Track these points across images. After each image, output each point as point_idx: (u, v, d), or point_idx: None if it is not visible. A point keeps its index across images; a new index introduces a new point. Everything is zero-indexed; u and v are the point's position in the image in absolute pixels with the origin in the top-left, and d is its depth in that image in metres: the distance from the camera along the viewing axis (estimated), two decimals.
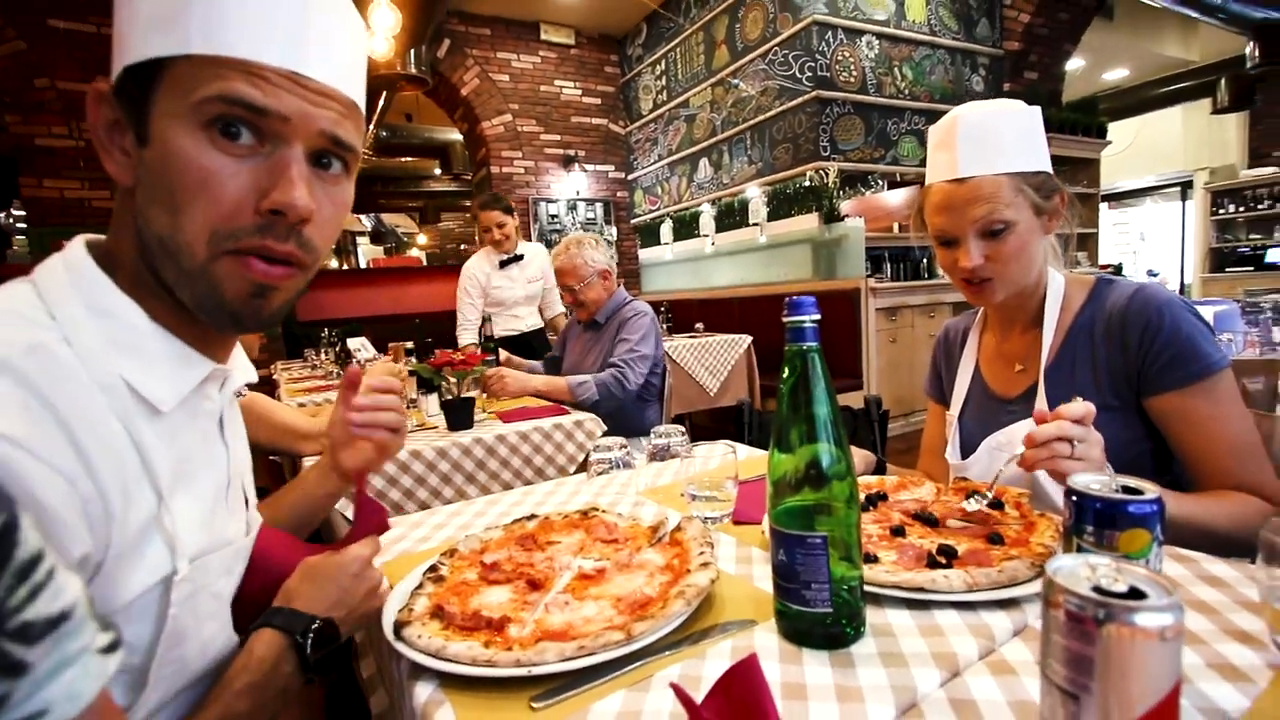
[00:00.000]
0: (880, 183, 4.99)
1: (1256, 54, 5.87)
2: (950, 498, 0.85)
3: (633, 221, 7.21)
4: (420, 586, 0.70)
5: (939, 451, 1.07)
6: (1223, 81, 6.90)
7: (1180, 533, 0.70)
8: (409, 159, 9.42)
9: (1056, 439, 0.64)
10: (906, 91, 5.18)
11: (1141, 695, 0.33)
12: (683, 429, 1.09)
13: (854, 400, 2.80)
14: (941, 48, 5.39)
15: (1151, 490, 0.48)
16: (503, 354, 2.46)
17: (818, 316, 0.58)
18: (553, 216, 6.74)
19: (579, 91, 6.83)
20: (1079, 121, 5.52)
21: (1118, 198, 9.68)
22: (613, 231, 7.11)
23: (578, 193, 6.85)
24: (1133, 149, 9.06)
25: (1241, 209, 7.73)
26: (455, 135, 7.91)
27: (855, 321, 4.27)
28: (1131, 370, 0.85)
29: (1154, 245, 9.65)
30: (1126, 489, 0.49)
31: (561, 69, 6.64)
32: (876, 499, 0.87)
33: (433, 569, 0.74)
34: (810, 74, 4.73)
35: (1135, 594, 0.34)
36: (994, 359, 1.04)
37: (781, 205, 5.01)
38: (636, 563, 0.74)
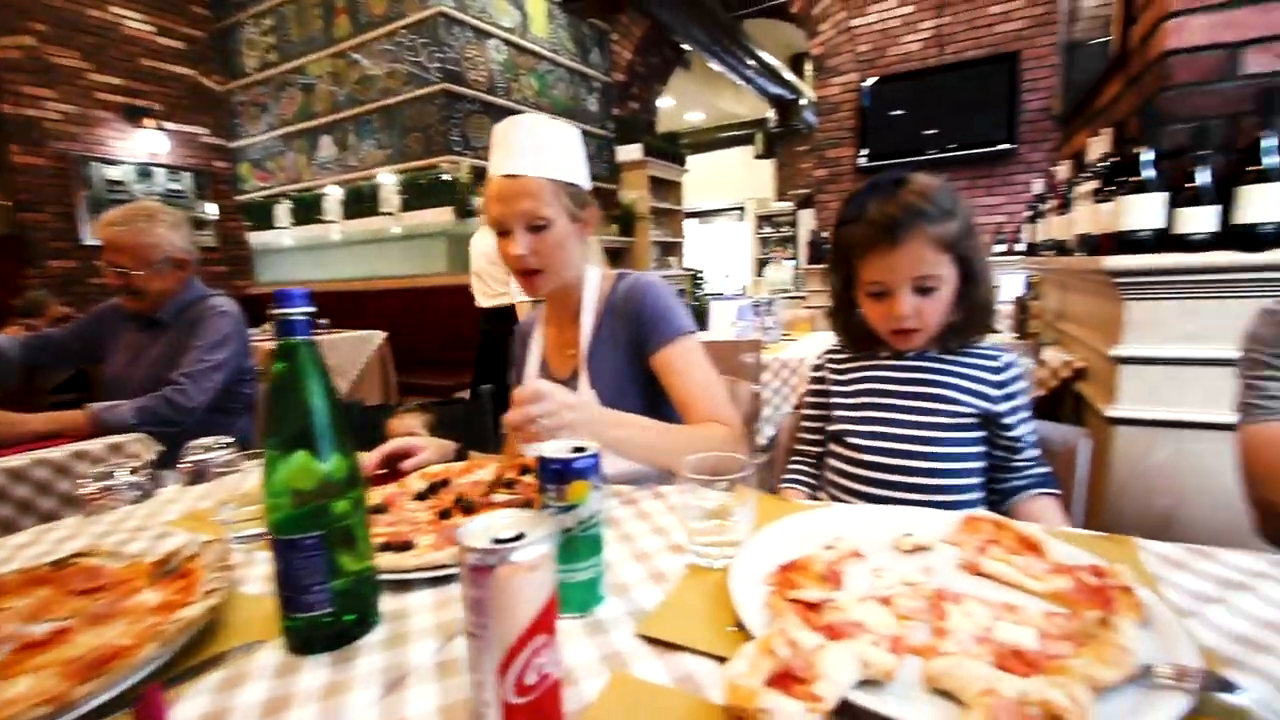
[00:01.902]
0: None
1: (775, 118, 8.04)
2: (512, 476, 0.94)
3: (239, 199, 6.08)
4: None
5: None
6: (759, 135, 9.25)
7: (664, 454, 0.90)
8: None
9: (522, 420, 0.75)
10: (532, 100, 5.54)
11: (522, 616, 0.40)
12: (230, 440, 0.95)
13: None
14: (563, 66, 5.92)
15: (592, 447, 0.60)
16: None
17: (310, 309, 0.56)
18: (114, 183, 5.23)
19: (151, 28, 5.42)
20: (666, 149, 6.72)
21: (701, 215, 12.16)
22: (212, 209, 5.87)
23: (154, 156, 5.45)
24: (708, 178, 11.48)
25: (772, 229, 10.53)
26: None
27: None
28: (636, 338, 1.06)
29: (727, 254, 12.41)
30: (577, 449, 0.60)
31: None
32: (438, 486, 0.91)
33: None
34: (439, 66, 4.67)
35: (521, 537, 0.41)
36: (555, 347, 1.19)
37: (417, 195, 4.85)
38: (122, 609, 0.62)
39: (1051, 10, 4.22)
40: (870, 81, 4.93)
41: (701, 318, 2.85)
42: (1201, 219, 1.29)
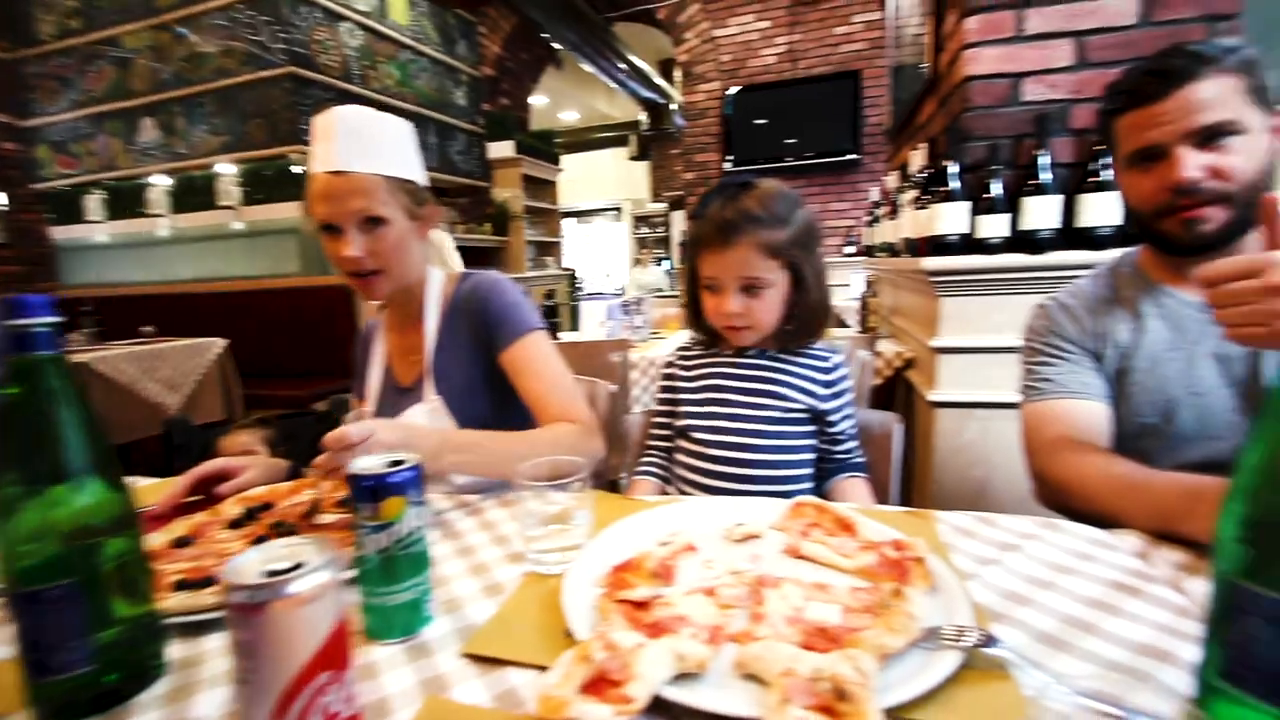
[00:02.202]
0: None
1: (648, 121, 8.20)
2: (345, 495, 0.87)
3: (37, 187, 5.20)
4: None
5: None
6: (633, 137, 9.39)
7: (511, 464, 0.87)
8: None
9: (332, 466, 0.70)
10: (394, 91, 5.24)
11: (299, 654, 0.36)
12: None
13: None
14: (426, 56, 5.65)
15: (411, 459, 0.56)
16: None
17: (53, 320, 0.48)
18: None
19: None
20: (540, 148, 6.64)
21: (580, 215, 12.15)
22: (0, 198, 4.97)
23: None
24: (586, 178, 11.49)
25: (649, 230, 10.74)
26: None
27: (354, 322, 4.11)
28: (483, 338, 1.03)
29: (605, 253, 12.49)
30: (394, 462, 0.56)
31: None
32: (257, 511, 0.82)
33: None
34: (284, 47, 4.27)
35: (298, 567, 0.38)
36: (399, 354, 1.12)
37: (261, 188, 4.40)
38: None
39: (884, 35, 4.67)
40: (733, 90, 5.17)
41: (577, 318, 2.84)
42: (996, 225, 1.47)
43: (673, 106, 8.38)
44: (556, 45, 6.48)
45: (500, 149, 6.33)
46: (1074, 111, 1.47)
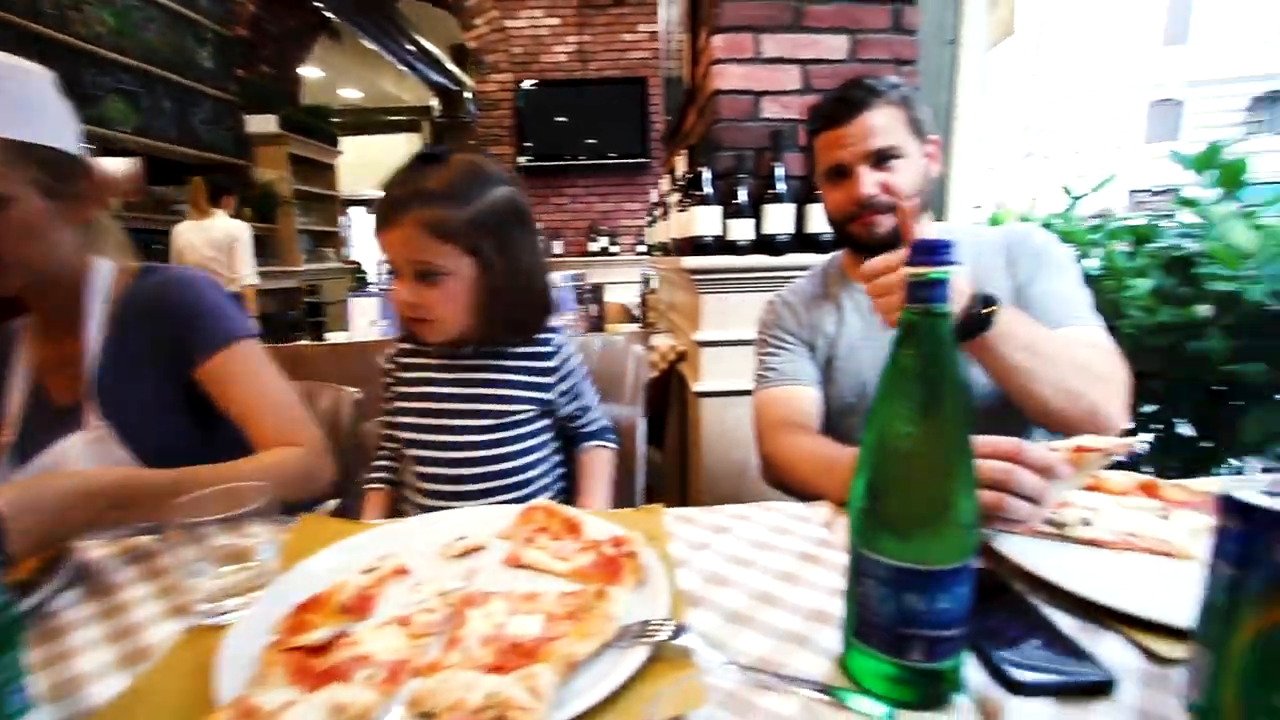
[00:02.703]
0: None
1: (440, 107, 7.77)
2: None
3: None
4: None
5: None
6: (426, 124, 8.85)
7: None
8: None
9: None
10: (110, 40, 4.28)
11: None
12: None
13: None
14: (156, 4, 4.71)
15: None
16: None
17: None
18: None
19: None
20: (314, 126, 5.93)
21: (369, 203, 11.15)
22: None
23: None
24: (375, 163, 10.56)
25: None
26: None
27: None
28: (172, 349, 0.85)
29: None
30: None
31: None
32: None
33: None
34: None
35: None
36: (52, 366, 0.88)
37: None
38: None
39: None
40: (527, 84, 5.10)
41: None
42: (743, 229, 1.61)
43: (468, 94, 8.04)
44: (329, 15, 5.83)
45: (261, 123, 5.53)
46: (801, 130, 1.67)
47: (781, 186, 1.60)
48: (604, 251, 5.26)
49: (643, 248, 4.64)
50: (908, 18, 1.62)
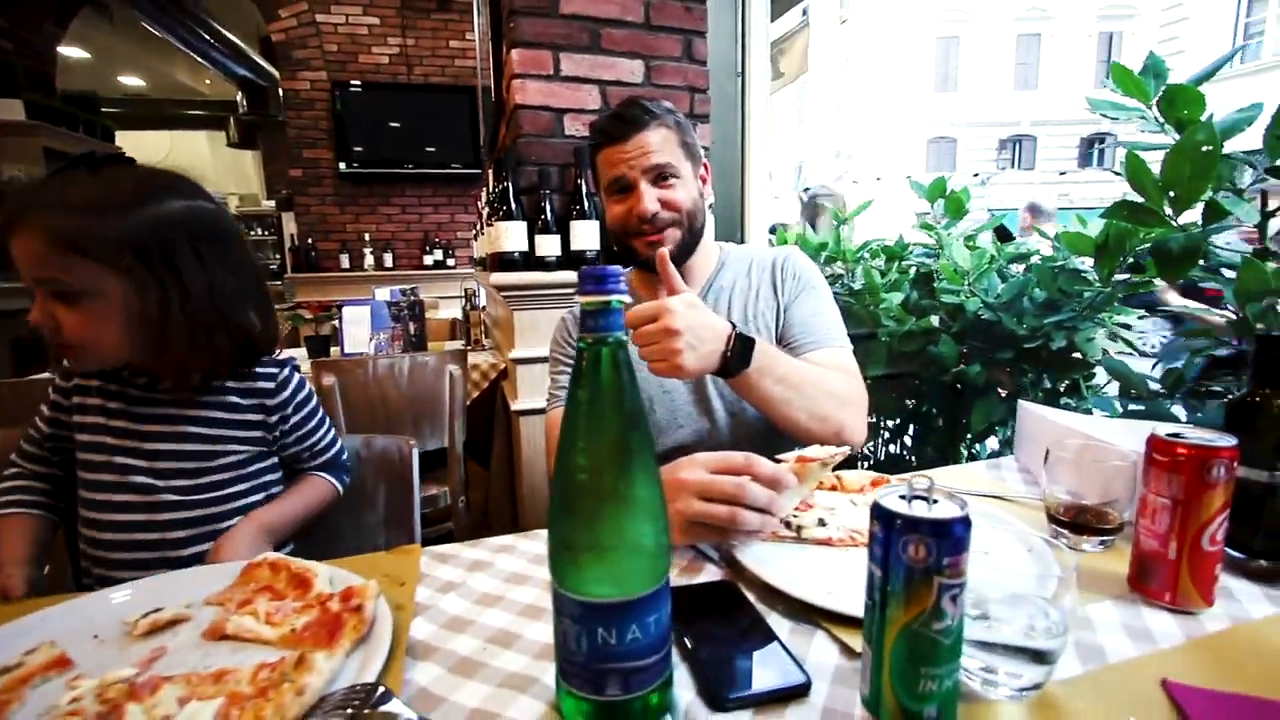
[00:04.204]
0: None
1: (245, 104, 6.97)
2: None
3: None
4: None
5: None
6: (232, 120, 7.89)
7: None
8: None
9: None
10: None
11: None
12: None
13: None
14: None
15: None
16: None
17: None
18: None
19: None
20: (78, 115, 5.03)
21: None
22: None
23: None
24: (172, 163, 9.22)
25: (263, 232, 9.11)
26: None
27: None
28: None
29: None
30: None
31: None
32: None
33: None
34: None
35: None
36: None
37: None
38: None
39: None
40: (354, 85, 4.73)
41: None
42: (550, 245, 1.60)
43: (282, 92, 7.30)
44: None
45: (2, 109, 4.57)
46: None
47: (587, 204, 1.61)
48: (439, 265, 5.01)
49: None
50: (698, 48, 1.71)
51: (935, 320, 1.28)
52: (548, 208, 1.60)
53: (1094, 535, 0.66)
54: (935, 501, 0.42)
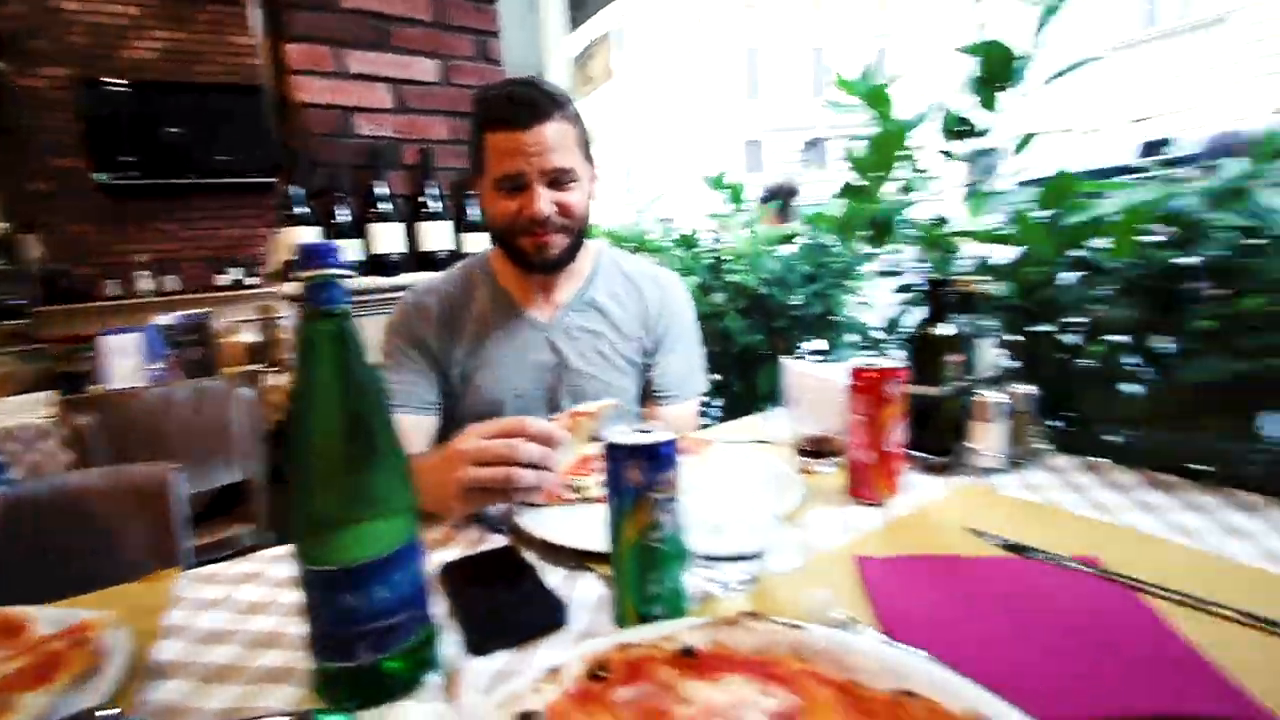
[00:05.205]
0: None
1: None
2: None
3: None
4: None
5: None
6: None
7: None
8: None
9: None
10: None
11: None
12: None
13: None
14: None
15: None
16: None
17: None
18: None
19: None
20: None
21: None
22: None
23: None
24: None
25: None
26: None
27: None
28: None
29: None
30: None
31: None
32: None
33: None
34: None
35: None
36: None
37: None
38: None
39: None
40: (114, 84, 4.06)
41: None
42: (350, 251, 1.52)
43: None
44: None
45: None
46: (405, 149, 1.65)
47: (386, 206, 1.55)
48: (238, 285, 4.49)
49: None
50: (492, 48, 1.73)
51: (721, 298, 1.42)
52: (342, 211, 1.52)
53: (826, 459, 0.79)
54: (649, 433, 0.48)
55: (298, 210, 1.49)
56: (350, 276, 0.44)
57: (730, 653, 0.42)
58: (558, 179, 0.89)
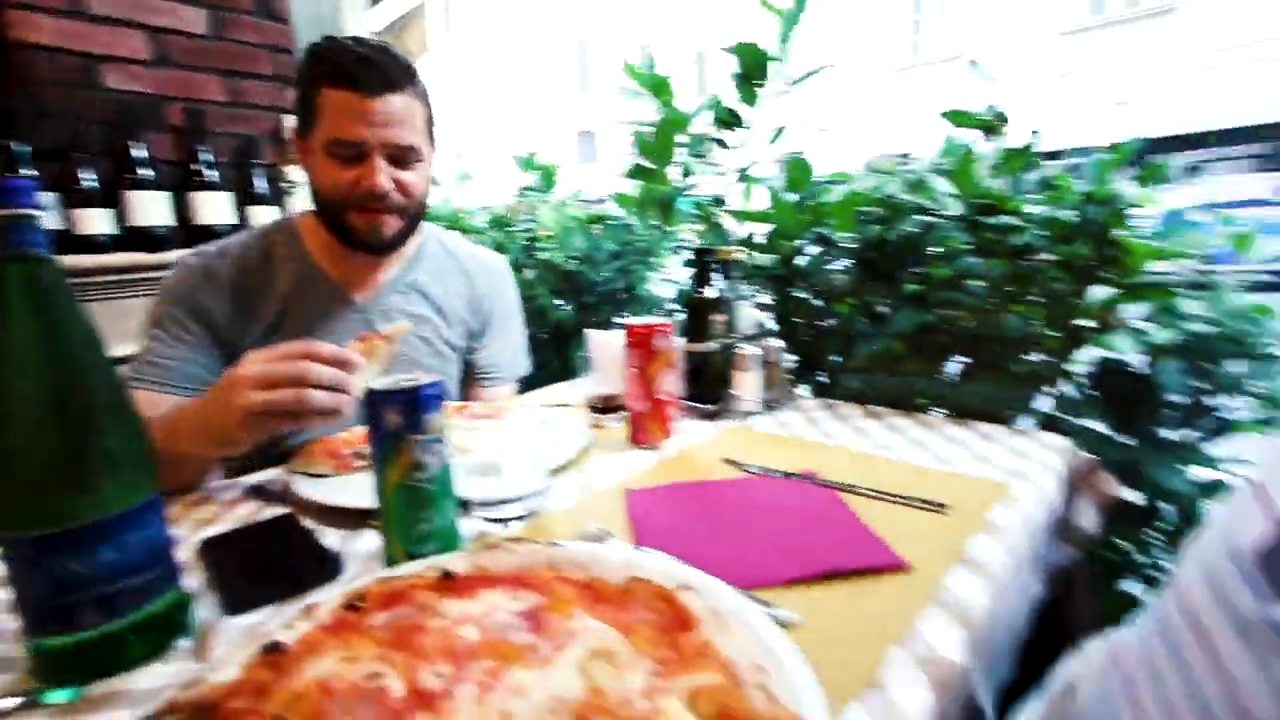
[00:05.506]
0: None
1: None
2: None
3: None
4: None
5: None
6: None
7: None
8: None
9: None
10: None
11: None
12: None
13: None
14: None
15: None
16: None
17: None
18: None
19: None
20: None
21: None
22: None
23: None
24: None
25: None
26: None
27: None
28: None
29: None
30: None
31: None
32: None
33: None
34: None
35: None
36: None
37: None
38: None
39: None
40: None
41: None
42: (98, 221, 1.31)
43: None
44: None
45: None
46: (169, 108, 1.45)
47: (147, 171, 1.36)
48: None
49: None
50: (278, 3, 1.58)
51: (532, 275, 1.45)
52: (89, 176, 1.31)
53: (614, 413, 0.86)
54: (412, 379, 0.50)
55: (23, 172, 1.25)
56: (40, 217, 0.40)
57: (489, 573, 0.46)
58: (401, 156, 0.83)
